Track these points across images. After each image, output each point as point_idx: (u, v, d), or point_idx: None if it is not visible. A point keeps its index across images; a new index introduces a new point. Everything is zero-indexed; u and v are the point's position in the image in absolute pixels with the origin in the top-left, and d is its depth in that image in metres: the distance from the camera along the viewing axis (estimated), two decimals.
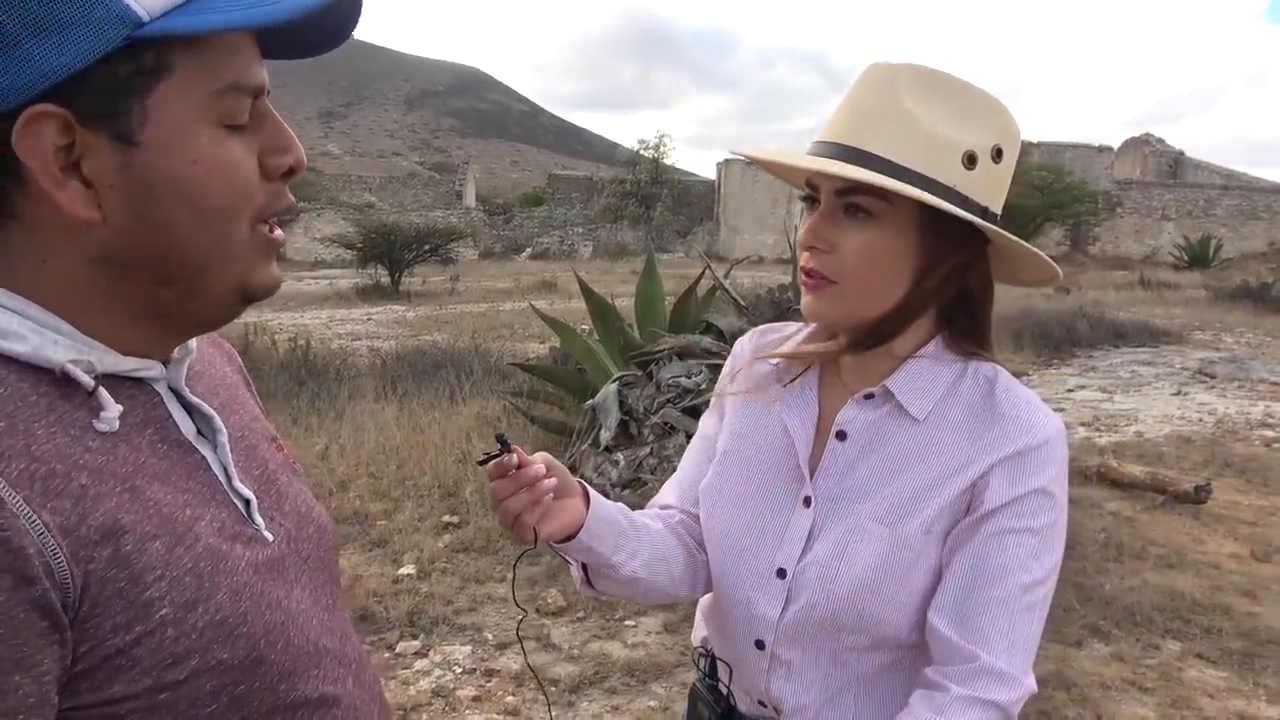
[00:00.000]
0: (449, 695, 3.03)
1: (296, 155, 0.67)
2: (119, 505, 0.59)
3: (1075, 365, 10.40)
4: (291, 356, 7.66)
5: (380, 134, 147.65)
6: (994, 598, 0.94)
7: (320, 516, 0.80)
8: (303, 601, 0.70)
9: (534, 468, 0.96)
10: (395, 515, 4.59)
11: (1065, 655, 3.26)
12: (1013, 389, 1.02)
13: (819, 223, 0.97)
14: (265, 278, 0.68)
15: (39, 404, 0.58)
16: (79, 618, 0.55)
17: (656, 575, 1.08)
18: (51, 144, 0.58)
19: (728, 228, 33.38)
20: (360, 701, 0.73)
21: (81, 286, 0.62)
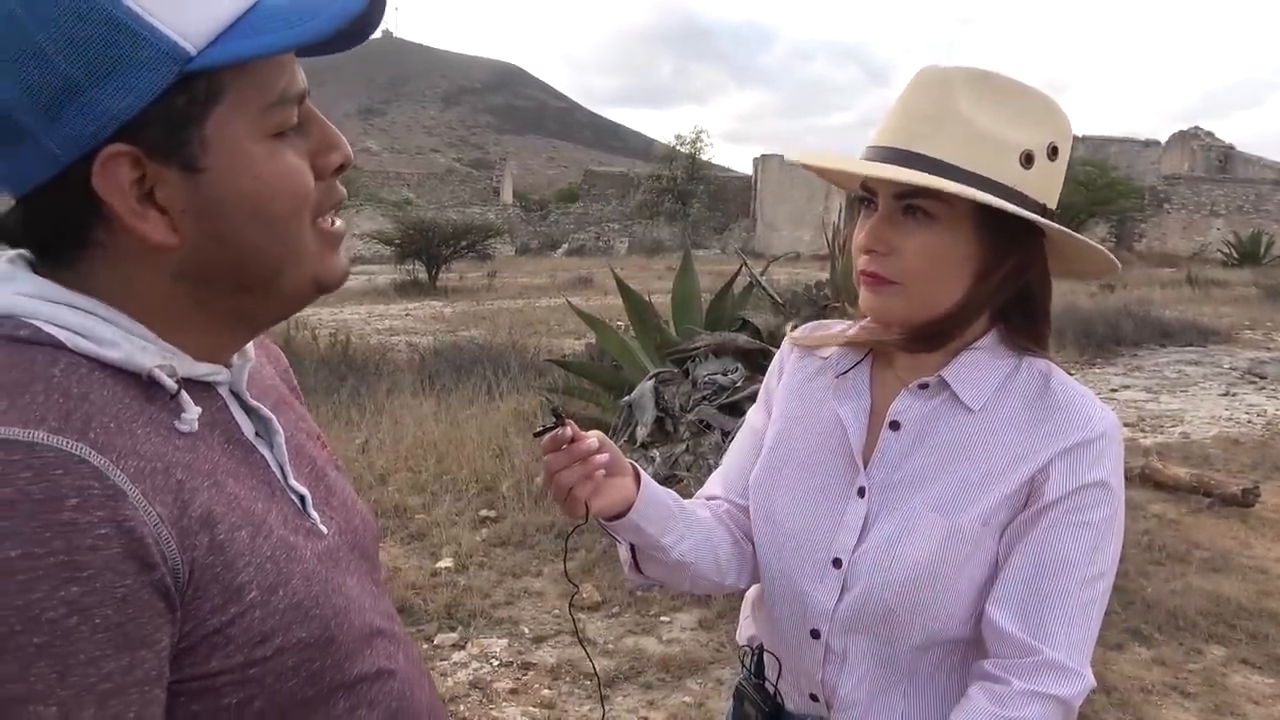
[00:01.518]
0: (486, 687, 3.07)
1: (344, 152, 0.71)
2: (210, 498, 0.63)
3: (1120, 365, 10.23)
4: (332, 352, 7.78)
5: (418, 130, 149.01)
6: (1055, 591, 0.95)
7: (363, 510, 0.84)
8: (356, 587, 0.74)
9: (587, 442, 0.99)
10: (433, 509, 4.65)
11: (1105, 658, 3.22)
12: (1068, 383, 1.02)
13: (879, 226, 0.98)
14: (335, 268, 0.72)
15: (132, 406, 0.62)
16: (185, 600, 0.59)
17: (703, 561, 1.09)
18: (127, 180, 0.62)
19: (764, 224, 33.25)
20: (411, 674, 0.78)
21: (166, 302, 0.66)
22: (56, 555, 0.52)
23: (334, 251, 0.72)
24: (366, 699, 0.71)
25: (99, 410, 0.59)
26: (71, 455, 0.55)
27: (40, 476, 0.53)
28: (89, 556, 0.53)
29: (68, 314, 0.62)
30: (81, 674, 0.53)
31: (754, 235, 33.80)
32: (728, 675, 3.15)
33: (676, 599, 3.72)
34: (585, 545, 4.12)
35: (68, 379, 0.59)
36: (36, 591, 0.52)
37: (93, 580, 0.54)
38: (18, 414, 0.55)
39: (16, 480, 0.53)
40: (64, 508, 0.53)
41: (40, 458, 0.54)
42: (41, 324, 0.61)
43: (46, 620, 0.52)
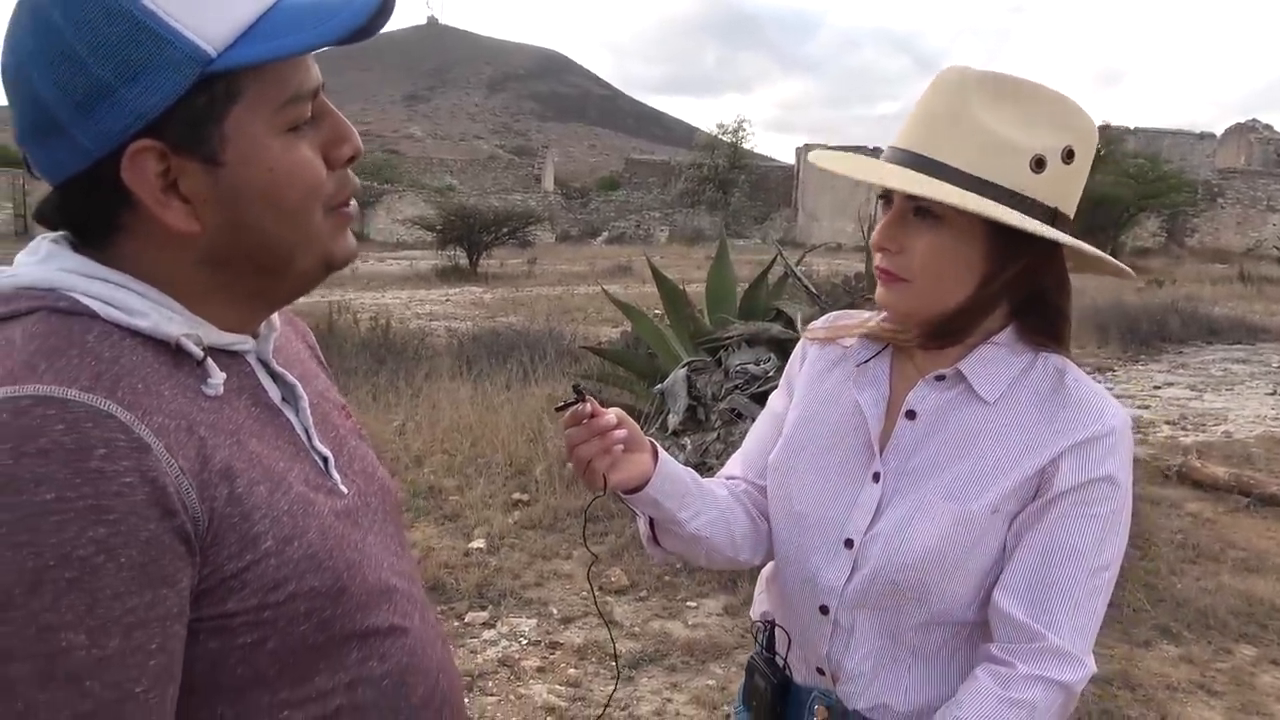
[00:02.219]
0: (514, 665, 3.14)
1: (354, 144, 0.76)
2: (230, 454, 0.68)
3: (1164, 361, 10.05)
4: (372, 335, 7.92)
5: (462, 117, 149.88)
6: (1061, 579, 0.98)
7: (384, 476, 0.89)
8: (374, 546, 0.79)
9: (606, 418, 1.04)
10: (467, 491, 4.74)
11: (1132, 655, 3.21)
12: (1082, 380, 1.05)
13: (891, 225, 1.01)
14: (344, 249, 0.77)
15: (160, 370, 0.67)
16: (204, 546, 0.64)
17: (718, 536, 1.13)
18: (153, 172, 0.67)
19: (806, 214, 33.02)
20: (426, 635, 0.82)
21: (191, 282, 0.72)
22: (86, 499, 0.58)
23: (344, 233, 0.77)
24: (378, 651, 0.76)
25: (127, 372, 0.64)
26: (100, 410, 0.60)
27: (72, 429, 0.59)
28: (115, 501, 0.59)
29: (102, 287, 0.68)
30: (108, 607, 0.58)
31: (795, 225, 33.60)
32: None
33: (704, 585, 3.77)
34: (615, 530, 4.19)
35: (100, 344, 0.65)
36: (68, 531, 0.57)
37: (118, 523, 0.59)
38: (54, 374, 0.61)
39: (51, 432, 0.58)
40: (93, 457, 0.59)
41: (72, 412, 0.60)
42: (79, 296, 0.67)
43: (77, 557, 0.57)
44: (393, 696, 0.76)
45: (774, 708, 1.14)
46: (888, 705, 1.06)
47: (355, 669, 0.74)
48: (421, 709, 0.79)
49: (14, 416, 0.58)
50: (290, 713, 0.70)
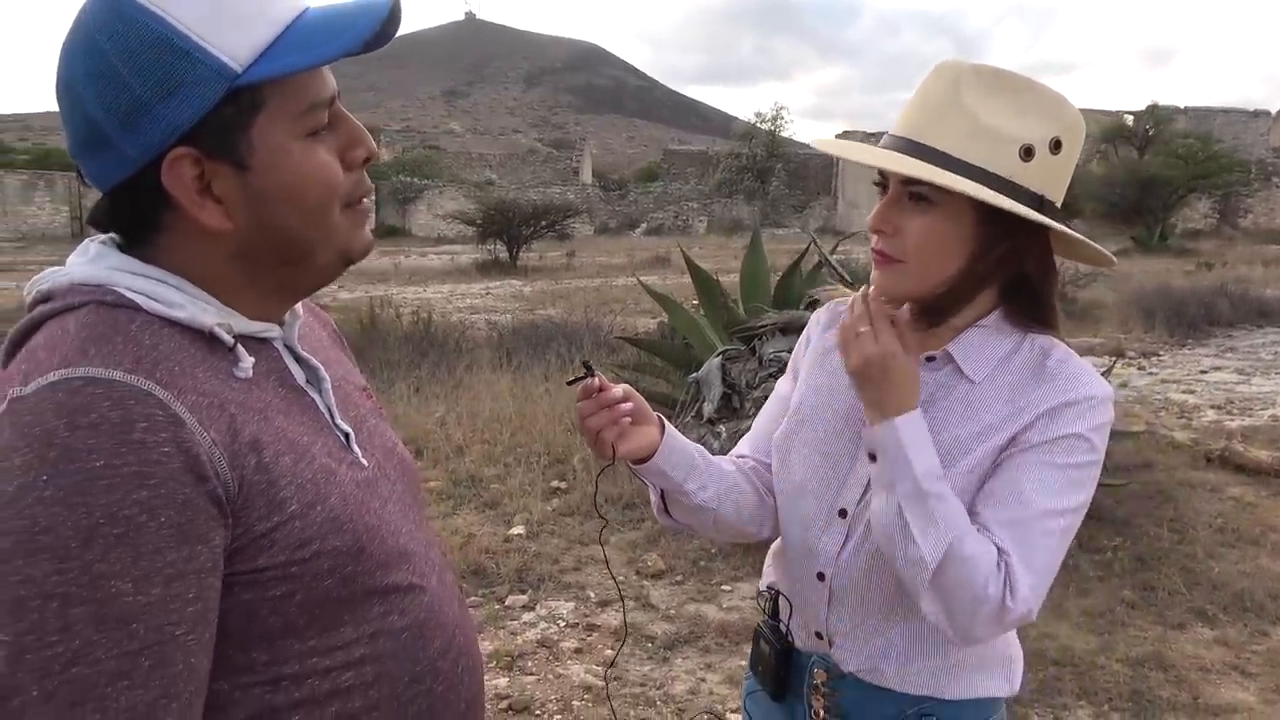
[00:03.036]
0: (553, 646, 3.24)
1: (368, 147, 0.84)
2: (258, 429, 0.76)
3: (1212, 345, 9.89)
4: (414, 329, 8.07)
5: (500, 111, 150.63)
6: (1012, 519, 1.02)
7: (403, 453, 0.98)
8: (394, 514, 0.88)
9: (613, 391, 1.12)
10: (507, 480, 4.86)
11: (1166, 637, 3.22)
12: (1068, 357, 1.10)
13: (886, 208, 1.08)
14: (359, 243, 0.86)
15: (196, 355, 0.76)
16: (235, 509, 0.72)
17: (724, 508, 1.21)
18: (189, 176, 0.76)
19: (846, 202, 32.76)
20: (443, 595, 0.91)
21: (222, 273, 0.81)
22: (130, 466, 0.66)
23: (360, 228, 0.85)
24: (398, 606, 0.84)
25: (165, 357, 0.73)
26: (140, 389, 0.69)
27: (117, 405, 0.67)
28: (155, 469, 0.67)
29: (144, 283, 0.77)
30: (150, 559, 0.67)
31: (835, 214, 33.35)
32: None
33: (738, 569, 3.84)
34: (651, 517, 4.25)
35: (142, 333, 0.73)
36: (115, 494, 0.65)
37: (158, 487, 0.67)
38: (101, 358, 0.70)
39: (100, 408, 0.67)
40: (135, 430, 0.67)
41: (117, 391, 0.68)
42: (124, 291, 0.76)
43: (123, 516, 0.65)
44: (411, 647, 0.84)
45: (778, 672, 1.21)
46: (878, 667, 1.13)
47: (377, 622, 0.82)
48: (439, 659, 0.87)
49: (68, 395, 0.67)
50: (319, 659, 0.78)
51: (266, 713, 0.76)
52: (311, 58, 0.75)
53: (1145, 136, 35.02)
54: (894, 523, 1.02)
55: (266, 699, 0.76)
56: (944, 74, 1.06)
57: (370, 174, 0.88)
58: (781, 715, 1.24)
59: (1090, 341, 9.42)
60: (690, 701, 2.90)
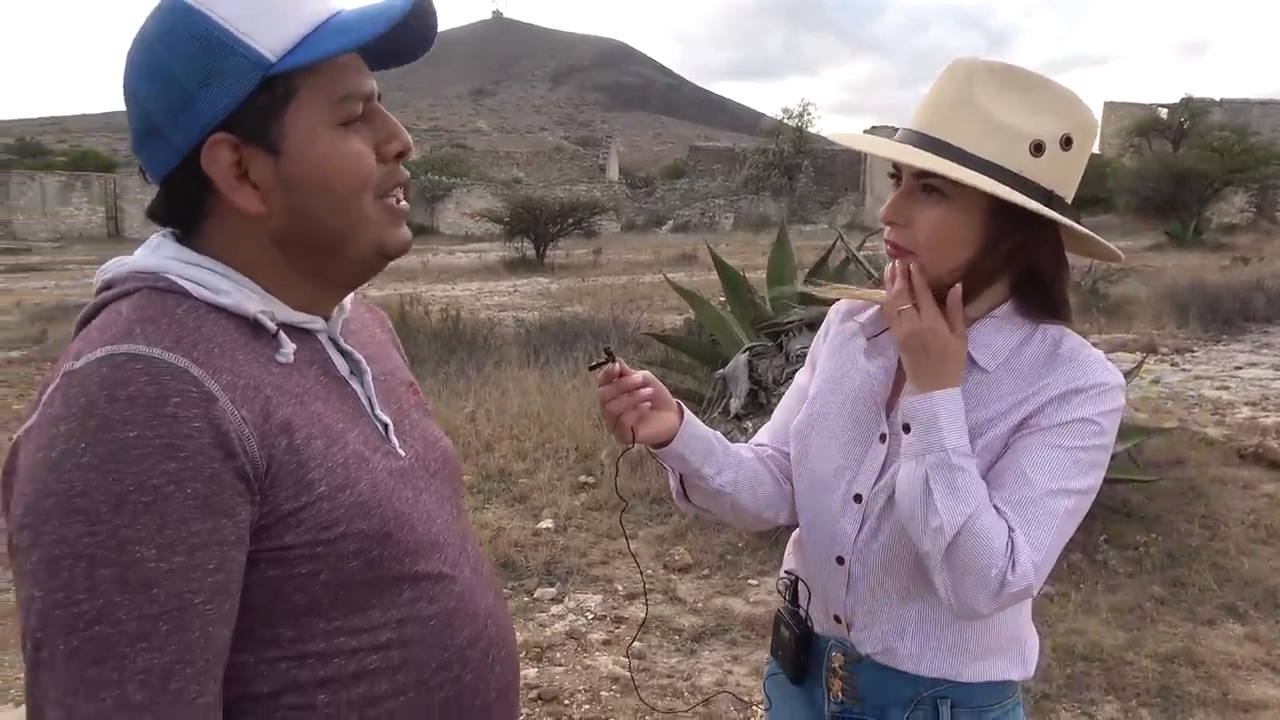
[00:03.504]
0: (581, 638, 3.29)
1: (403, 140, 0.88)
2: (292, 412, 0.79)
3: (1248, 342, 9.74)
4: (443, 326, 8.16)
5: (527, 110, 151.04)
6: (1018, 499, 1.04)
7: (446, 446, 1.01)
8: (429, 505, 0.91)
9: (633, 376, 1.15)
10: (535, 474, 4.91)
11: (1195, 634, 3.20)
12: (1080, 346, 1.12)
13: (899, 201, 1.10)
14: (396, 238, 0.88)
15: (238, 339, 0.80)
16: (263, 487, 0.76)
17: (741, 493, 1.24)
18: (227, 161, 0.80)
19: (874, 197, 32.53)
20: (473, 586, 0.93)
21: (264, 261, 0.85)
22: (162, 438, 0.70)
23: (396, 224, 0.88)
24: (427, 594, 0.86)
25: (206, 339, 0.77)
26: (177, 366, 0.73)
27: (153, 381, 0.71)
28: (185, 442, 0.70)
29: (194, 271, 0.82)
30: (175, 528, 0.70)
31: (863, 210, 33.14)
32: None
33: (765, 563, 3.86)
34: (679, 512, 4.30)
35: (187, 316, 0.78)
36: (146, 463, 0.69)
37: (187, 460, 0.70)
38: (144, 337, 0.74)
39: (137, 381, 0.71)
40: (168, 404, 0.71)
41: (155, 367, 0.72)
42: (174, 277, 0.81)
43: (151, 485, 0.69)
44: (440, 635, 0.87)
45: (798, 656, 1.24)
46: (894, 649, 1.15)
47: (406, 608, 0.85)
48: (468, 648, 0.89)
49: (111, 369, 0.71)
50: (345, 639, 0.81)
51: (292, 688, 0.79)
52: (335, 45, 0.80)
53: (1180, 129, 34.50)
54: (919, 491, 1.05)
55: (292, 674, 0.79)
56: (958, 71, 1.08)
57: None
58: (801, 698, 1.27)
59: (1122, 337, 9.32)
60: (722, 690, 2.93)
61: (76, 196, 31.66)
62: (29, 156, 53.43)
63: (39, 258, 23.53)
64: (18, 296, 13.94)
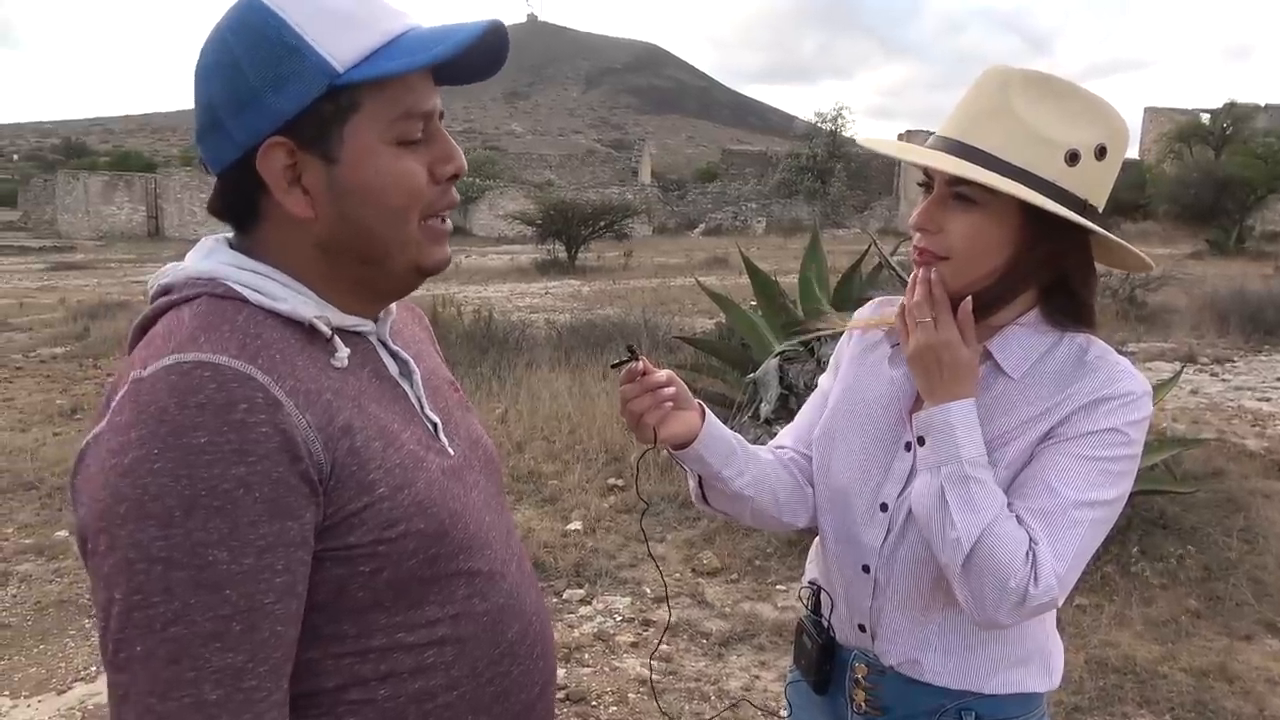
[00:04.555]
0: (609, 640, 3.30)
1: (458, 163, 0.89)
2: (351, 415, 0.81)
3: None
4: (475, 327, 8.22)
5: (561, 112, 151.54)
6: (1043, 509, 1.04)
7: (488, 444, 1.03)
8: (476, 502, 0.93)
9: (656, 375, 1.15)
10: (565, 476, 4.94)
11: (1232, 648, 3.15)
12: (1106, 353, 1.11)
13: (931, 207, 1.10)
14: (436, 258, 0.90)
15: (295, 345, 0.81)
16: (328, 489, 0.77)
17: (762, 497, 1.24)
18: (281, 164, 0.82)
19: (908, 202, 32.24)
20: (520, 583, 0.96)
21: (312, 265, 0.87)
22: (232, 444, 0.71)
23: (438, 244, 0.89)
24: (480, 590, 0.89)
25: (267, 345, 0.78)
26: (243, 373, 0.74)
27: (222, 388, 0.73)
28: (253, 446, 0.72)
29: (251, 277, 0.83)
30: (245, 531, 0.72)
31: (896, 214, 32.88)
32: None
33: (794, 569, 3.85)
34: (708, 516, 4.30)
35: (247, 323, 0.79)
36: (216, 468, 0.71)
37: (255, 464, 0.72)
38: (209, 345, 0.76)
39: (206, 389, 0.73)
40: (237, 410, 0.72)
41: (222, 374, 0.74)
42: (232, 284, 0.82)
43: (222, 490, 0.71)
44: (492, 631, 0.89)
45: (820, 666, 1.24)
46: (918, 661, 1.15)
47: (461, 604, 0.87)
48: (517, 644, 0.92)
49: (180, 377, 0.73)
50: (404, 634, 0.84)
51: (355, 682, 0.82)
52: (405, 63, 0.81)
53: (1222, 135, 33.88)
54: (935, 503, 1.05)
55: (355, 669, 0.82)
56: (993, 78, 1.08)
57: None
58: (823, 708, 1.27)
59: (1160, 346, 9.18)
60: (744, 698, 2.93)
61: (119, 196, 32.27)
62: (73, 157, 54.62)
63: (82, 255, 24.02)
64: (62, 294, 14.24)
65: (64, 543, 4.16)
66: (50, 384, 7.65)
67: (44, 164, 49.52)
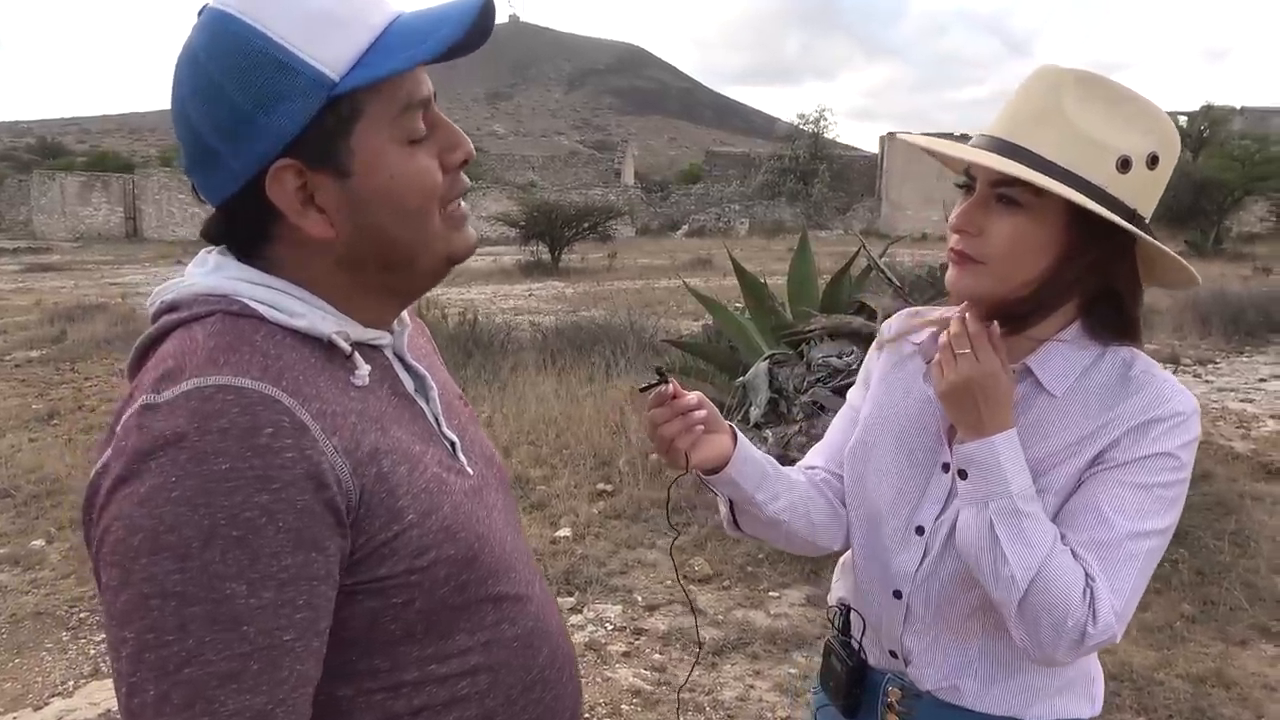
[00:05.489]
0: (601, 649, 3.25)
1: (466, 148, 0.84)
2: (376, 438, 0.77)
3: (1271, 353, 9.61)
4: (460, 329, 8.14)
5: (543, 113, 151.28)
6: (1097, 541, 0.99)
7: (499, 461, 0.99)
8: (498, 522, 0.89)
9: (688, 398, 1.10)
10: (553, 481, 4.88)
11: (1228, 654, 3.14)
12: (1150, 368, 1.06)
13: (972, 208, 1.05)
14: (462, 243, 0.86)
15: (316, 364, 0.77)
16: (357, 518, 0.73)
17: (796, 520, 1.19)
18: (292, 187, 0.76)
19: (890, 204, 32.40)
20: (544, 604, 0.92)
21: (333, 282, 0.82)
22: (255, 470, 0.67)
23: (461, 230, 0.85)
24: (509, 615, 0.85)
25: (289, 366, 0.74)
26: (269, 396, 0.70)
27: (245, 411, 0.69)
28: (278, 473, 0.68)
29: (266, 293, 0.79)
30: (266, 563, 0.67)
31: (879, 215, 33.00)
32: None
33: (786, 575, 3.81)
34: (698, 520, 4.26)
35: (266, 342, 0.75)
36: (238, 496, 0.66)
37: (279, 492, 0.68)
38: (231, 367, 0.71)
39: (229, 413, 0.68)
40: (262, 435, 0.68)
41: (246, 397, 0.69)
42: (247, 301, 0.77)
43: (244, 518, 0.67)
44: (523, 656, 0.86)
45: (849, 689, 1.19)
46: (957, 686, 1.10)
47: (491, 630, 0.83)
48: (547, 668, 0.88)
49: (201, 402, 0.69)
50: (436, 666, 0.80)
51: (388, 719, 0.78)
52: (404, 60, 0.75)
53: (1200, 137, 34.20)
54: (985, 540, 1.00)
55: (388, 705, 0.78)
56: (1045, 78, 1.04)
57: None
58: None
59: (1145, 348, 9.21)
60: (740, 708, 2.89)
61: (96, 196, 31.90)
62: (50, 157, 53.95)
63: (59, 257, 23.71)
64: (38, 296, 14.03)
65: (40, 552, 4.07)
66: (26, 388, 7.50)
67: (19, 164, 48.88)
